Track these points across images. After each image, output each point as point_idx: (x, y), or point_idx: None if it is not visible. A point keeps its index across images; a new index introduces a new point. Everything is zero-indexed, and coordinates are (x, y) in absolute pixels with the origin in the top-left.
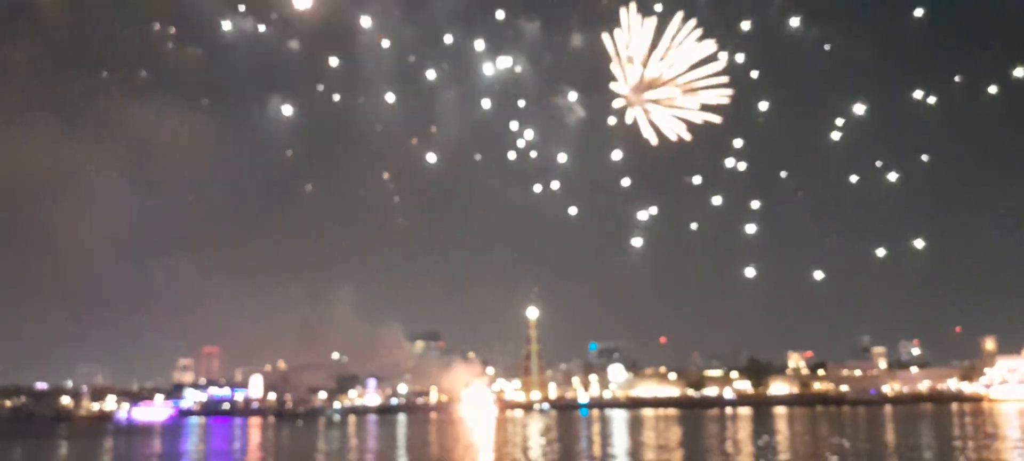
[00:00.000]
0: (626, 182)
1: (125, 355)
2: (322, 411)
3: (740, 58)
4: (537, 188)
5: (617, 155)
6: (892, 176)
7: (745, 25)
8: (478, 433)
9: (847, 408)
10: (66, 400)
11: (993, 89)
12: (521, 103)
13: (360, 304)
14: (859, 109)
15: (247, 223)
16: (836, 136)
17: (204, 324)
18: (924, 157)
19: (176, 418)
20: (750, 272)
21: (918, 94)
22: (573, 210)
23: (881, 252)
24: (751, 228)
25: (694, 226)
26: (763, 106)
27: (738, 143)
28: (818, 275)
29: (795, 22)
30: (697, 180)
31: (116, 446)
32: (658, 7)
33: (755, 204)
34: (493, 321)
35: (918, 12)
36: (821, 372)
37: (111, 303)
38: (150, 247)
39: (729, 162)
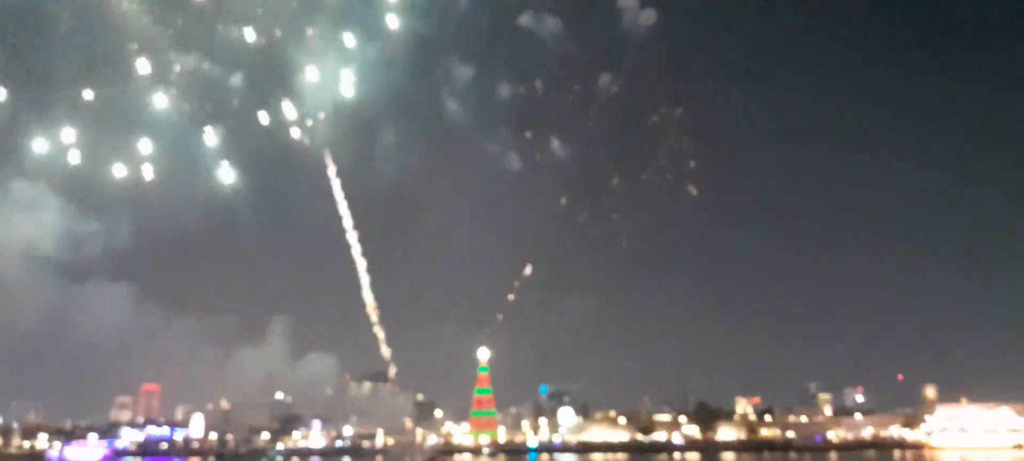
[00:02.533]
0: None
1: (60, 392)
2: (264, 452)
3: None
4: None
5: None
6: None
7: None
8: None
9: (794, 455)
10: None
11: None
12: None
13: (304, 342)
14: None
15: (184, 253)
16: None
17: (144, 361)
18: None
19: (110, 459)
20: None
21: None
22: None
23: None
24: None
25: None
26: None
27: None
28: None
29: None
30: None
31: None
32: None
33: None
34: (442, 362)
35: None
36: (768, 418)
37: (45, 334)
38: (83, 272)
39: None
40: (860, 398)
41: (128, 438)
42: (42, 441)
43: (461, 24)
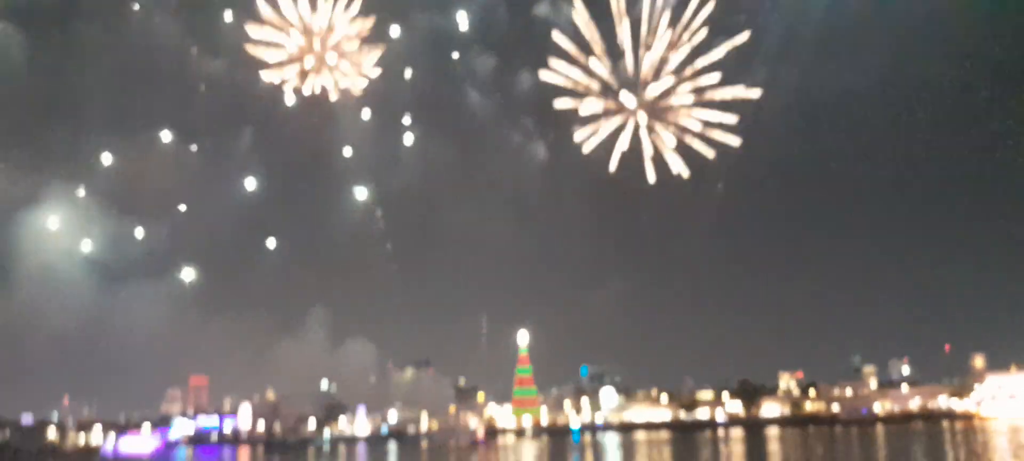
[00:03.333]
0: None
1: (112, 387)
2: (311, 440)
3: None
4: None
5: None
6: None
7: None
8: None
9: (839, 428)
10: (52, 434)
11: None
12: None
13: (347, 332)
14: None
15: (226, 250)
16: None
17: (190, 356)
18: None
19: (164, 449)
20: None
21: None
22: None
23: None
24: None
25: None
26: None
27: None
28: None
29: None
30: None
31: None
32: None
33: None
34: (483, 346)
35: None
36: (812, 392)
37: (92, 333)
38: (123, 272)
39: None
40: (906, 369)
41: (180, 429)
42: (97, 435)
43: (479, 15)
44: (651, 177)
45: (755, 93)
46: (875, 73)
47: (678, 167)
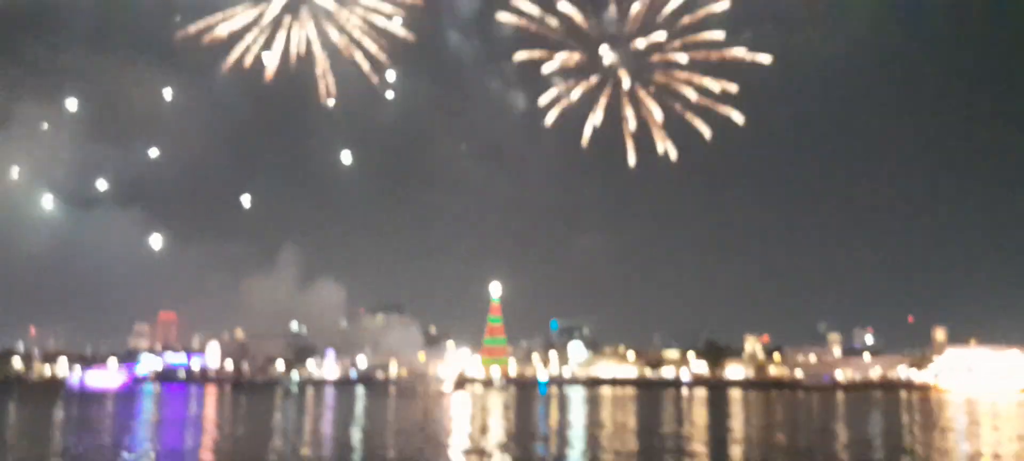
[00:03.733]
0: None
1: (79, 319)
2: (279, 381)
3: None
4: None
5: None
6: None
7: None
8: (439, 409)
9: (801, 393)
10: (18, 364)
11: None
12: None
13: (313, 270)
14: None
15: (199, 179)
16: None
17: (159, 289)
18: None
19: (130, 385)
20: None
21: None
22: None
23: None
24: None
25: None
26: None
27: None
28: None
29: None
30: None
31: (68, 411)
32: None
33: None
34: (455, 295)
35: None
36: (777, 356)
37: (59, 260)
38: (92, 199)
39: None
40: (870, 339)
41: (147, 364)
42: (63, 367)
43: None
44: (631, 159)
45: (765, 58)
46: (848, 42)
47: (664, 146)
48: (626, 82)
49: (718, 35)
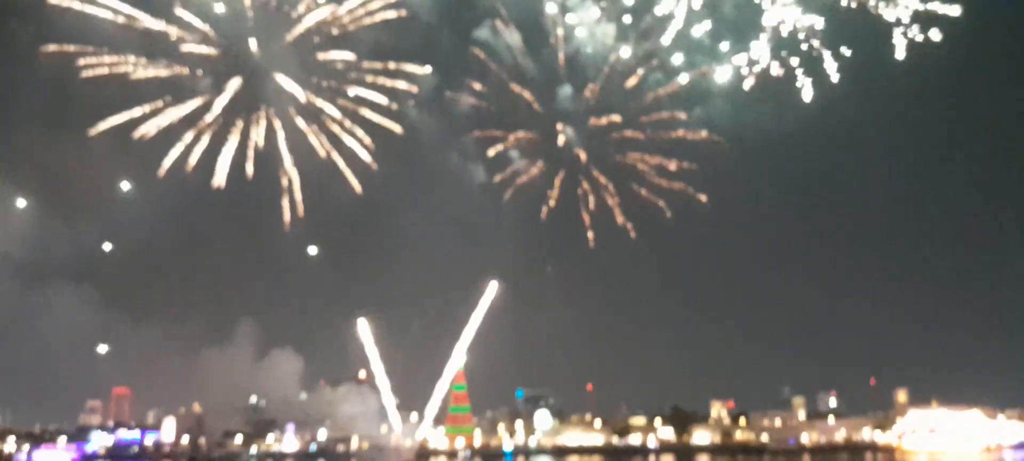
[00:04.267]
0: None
1: (28, 396)
2: (238, 456)
3: None
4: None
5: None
6: None
7: None
8: None
9: (768, 457)
10: None
11: None
12: None
13: (271, 344)
14: None
15: (151, 256)
16: None
17: (112, 366)
18: None
19: None
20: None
21: None
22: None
23: None
24: None
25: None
26: None
27: None
28: None
29: None
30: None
31: None
32: None
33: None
34: (417, 368)
35: None
36: (742, 421)
37: (9, 336)
38: (45, 274)
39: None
40: (833, 402)
41: (98, 442)
42: (10, 445)
43: (421, 35)
44: (590, 238)
45: (717, 138)
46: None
47: (624, 223)
48: (582, 159)
49: (677, 114)
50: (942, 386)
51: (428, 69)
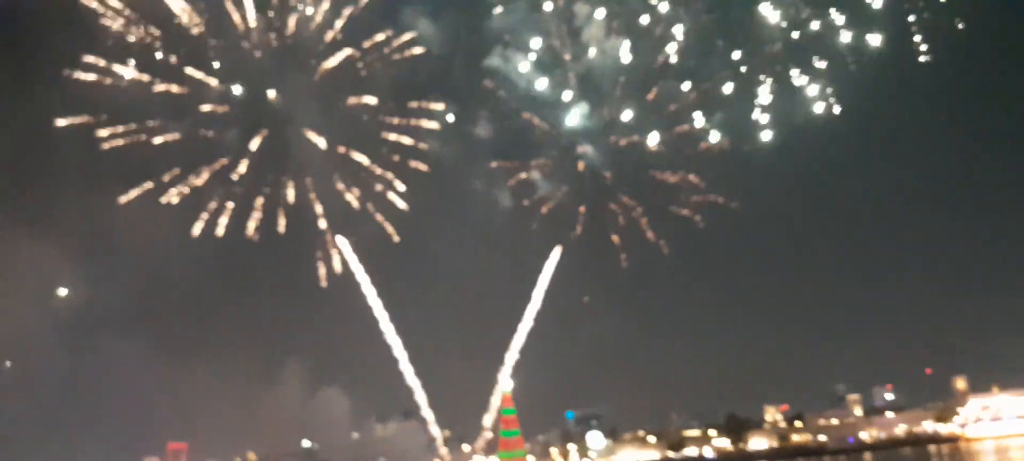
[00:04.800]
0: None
1: (89, 455)
2: None
3: None
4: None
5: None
6: None
7: None
8: None
9: (828, 458)
10: None
11: None
12: None
13: (320, 383)
14: None
15: (198, 304)
16: None
17: (166, 417)
18: None
19: None
20: None
21: None
22: None
23: None
24: None
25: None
26: None
27: None
28: None
29: None
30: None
31: None
32: None
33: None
34: (466, 398)
35: None
36: (798, 424)
37: (67, 393)
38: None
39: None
40: (890, 396)
41: None
42: None
43: (437, 68)
44: (623, 258)
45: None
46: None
47: (655, 240)
48: (607, 179)
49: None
50: (1000, 370)
51: (442, 106)
